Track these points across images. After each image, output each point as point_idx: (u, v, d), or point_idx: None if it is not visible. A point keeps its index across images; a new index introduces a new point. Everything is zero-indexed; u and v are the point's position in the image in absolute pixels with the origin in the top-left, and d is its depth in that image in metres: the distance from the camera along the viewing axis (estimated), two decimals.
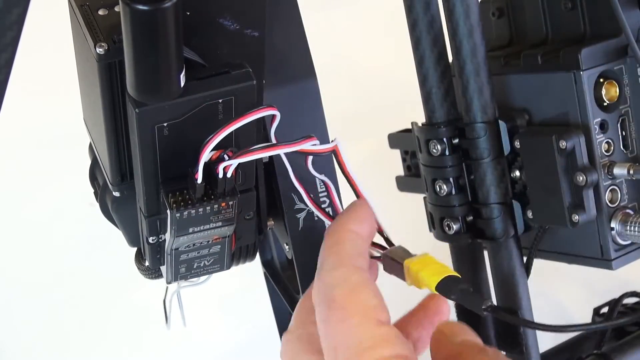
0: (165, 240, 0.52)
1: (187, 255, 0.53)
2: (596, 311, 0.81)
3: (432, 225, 0.65)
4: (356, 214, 0.49)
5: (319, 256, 0.48)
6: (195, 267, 0.55)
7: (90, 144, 0.57)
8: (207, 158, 0.48)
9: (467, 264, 0.66)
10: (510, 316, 0.50)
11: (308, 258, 0.60)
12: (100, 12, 0.49)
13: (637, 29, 0.62)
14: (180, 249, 0.52)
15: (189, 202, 0.49)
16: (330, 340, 0.45)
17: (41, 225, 1.18)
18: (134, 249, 0.59)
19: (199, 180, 0.48)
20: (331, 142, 0.50)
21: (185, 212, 0.49)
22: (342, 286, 0.45)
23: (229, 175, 0.49)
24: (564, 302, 1.06)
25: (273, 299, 0.70)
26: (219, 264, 0.56)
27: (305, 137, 0.50)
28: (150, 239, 0.53)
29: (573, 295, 1.05)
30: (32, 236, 1.17)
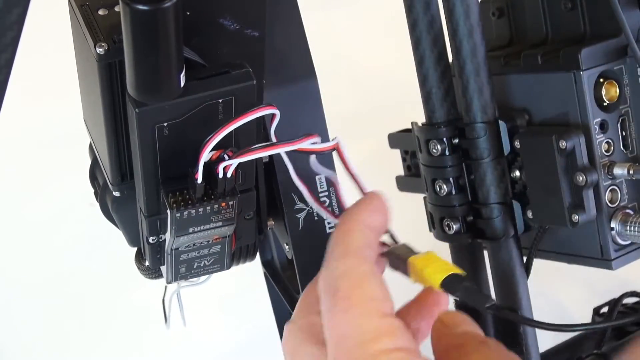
0: (165, 240, 0.52)
1: (187, 255, 0.53)
2: (596, 311, 0.81)
3: (432, 225, 0.65)
4: (369, 205, 0.49)
5: (327, 245, 0.48)
6: (195, 267, 0.55)
7: (90, 144, 0.57)
8: (207, 158, 0.48)
9: (467, 264, 0.66)
10: (513, 314, 0.50)
11: (308, 258, 0.60)
12: (100, 12, 0.49)
13: (637, 29, 0.62)
14: (180, 249, 0.52)
15: (189, 202, 0.49)
16: (333, 329, 0.44)
17: (41, 225, 1.18)
18: (134, 249, 0.59)
19: (199, 180, 0.48)
20: (332, 141, 0.50)
21: (186, 212, 0.49)
22: (347, 276, 0.45)
23: (229, 175, 0.48)
24: (564, 302, 1.06)
25: (273, 299, 0.70)
26: (219, 264, 0.56)
27: (306, 135, 0.49)
28: (151, 239, 0.53)
29: (573, 295, 1.05)
30: (32, 236, 1.17)
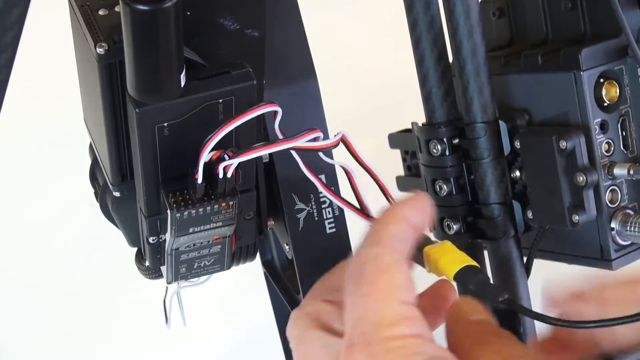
0: (165, 240, 0.52)
1: (188, 255, 0.53)
2: None
3: (432, 225, 0.65)
4: (413, 202, 0.50)
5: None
6: (195, 267, 0.55)
7: (91, 144, 0.57)
8: (207, 158, 0.48)
9: None
10: (526, 309, 0.51)
11: (308, 258, 0.60)
12: (101, 12, 0.49)
13: (637, 29, 0.62)
14: (180, 249, 0.52)
15: (189, 202, 0.49)
16: (352, 312, 0.45)
17: (41, 225, 1.18)
18: (134, 249, 0.59)
19: (199, 180, 0.48)
20: (336, 135, 0.50)
21: (186, 212, 0.49)
22: (374, 262, 0.46)
23: (229, 175, 0.48)
24: None
25: (273, 299, 0.70)
26: (219, 264, 0.56)
27: (307, 130, 0.49)
28: (151, 239, 0.53)
29: None
30: (32, 236, 1.17)
